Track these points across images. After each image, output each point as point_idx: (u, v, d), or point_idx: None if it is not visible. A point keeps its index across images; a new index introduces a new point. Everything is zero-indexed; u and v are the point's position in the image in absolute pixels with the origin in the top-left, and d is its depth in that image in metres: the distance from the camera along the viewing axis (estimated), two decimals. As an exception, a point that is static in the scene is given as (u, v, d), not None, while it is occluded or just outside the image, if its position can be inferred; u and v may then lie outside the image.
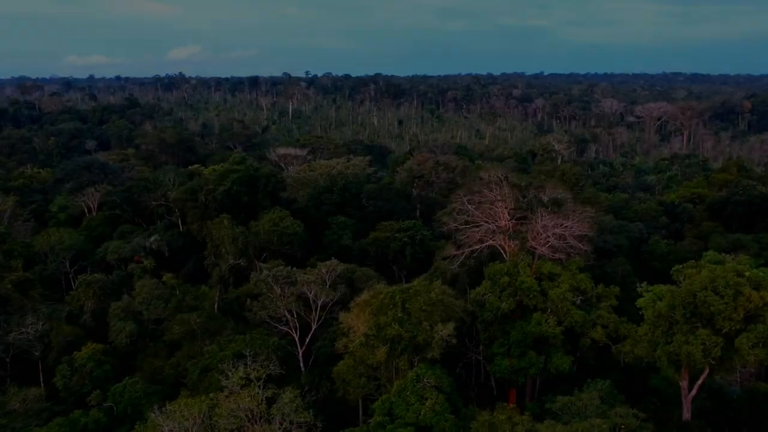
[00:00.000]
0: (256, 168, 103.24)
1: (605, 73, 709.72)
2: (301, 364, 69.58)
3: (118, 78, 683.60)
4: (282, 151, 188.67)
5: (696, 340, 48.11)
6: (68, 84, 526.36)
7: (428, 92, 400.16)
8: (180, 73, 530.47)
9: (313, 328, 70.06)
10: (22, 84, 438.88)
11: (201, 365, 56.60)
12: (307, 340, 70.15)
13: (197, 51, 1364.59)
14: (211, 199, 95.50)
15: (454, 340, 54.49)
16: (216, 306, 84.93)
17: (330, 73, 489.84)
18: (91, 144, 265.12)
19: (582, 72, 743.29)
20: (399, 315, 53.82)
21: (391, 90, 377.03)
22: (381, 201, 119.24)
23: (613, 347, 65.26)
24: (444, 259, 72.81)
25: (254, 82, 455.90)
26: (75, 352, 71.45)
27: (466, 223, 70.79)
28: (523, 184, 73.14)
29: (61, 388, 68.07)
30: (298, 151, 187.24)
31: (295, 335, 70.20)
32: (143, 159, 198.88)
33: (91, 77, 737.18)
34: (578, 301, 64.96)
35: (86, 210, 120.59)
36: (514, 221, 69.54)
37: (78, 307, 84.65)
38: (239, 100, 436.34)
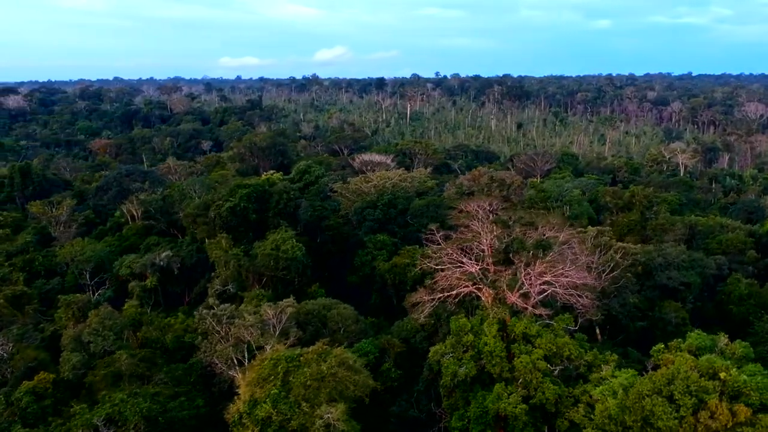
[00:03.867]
0: (272, 183, 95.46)
1: (762, 74, 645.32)
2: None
3: (261, 79, 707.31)
4: (365, 157, 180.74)
5: (639, 463, 34.40)
6: (209, 85, 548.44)
7: (557, 94, 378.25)
8: (314, 74, 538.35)
9: (261, 377, 60.93)
10: (163, 85, 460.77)
11: (66, 428, 49.15)
12: (255, 389, 61.07)
13: (341, 53, 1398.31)
14: (217, 216, 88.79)
15: (342, 426, 43.20)
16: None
17: (458, 74, 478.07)
18: (206, 145, 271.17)
19: (735, 73, 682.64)
20: (275, 391, 43.53)
21: (514, 91, 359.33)
22: (427, 219, 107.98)
23: None
24: (414, 305, 61.09)
25: (381, 83, 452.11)
26: (24, 381, 66.70)
27: (440, 263, 58.82)
28: (511, 220, 59.90)
29: (-9, 424, 63.14)
30: (382, 158, 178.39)
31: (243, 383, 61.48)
32: (238, 162, 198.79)
33: (238, 78, 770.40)
34: (556, 371, 51.45)
35: (129, 218, 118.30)
36: (493, 265, 56.83)
37: (63, 327, 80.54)
38: (366, 102, 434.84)
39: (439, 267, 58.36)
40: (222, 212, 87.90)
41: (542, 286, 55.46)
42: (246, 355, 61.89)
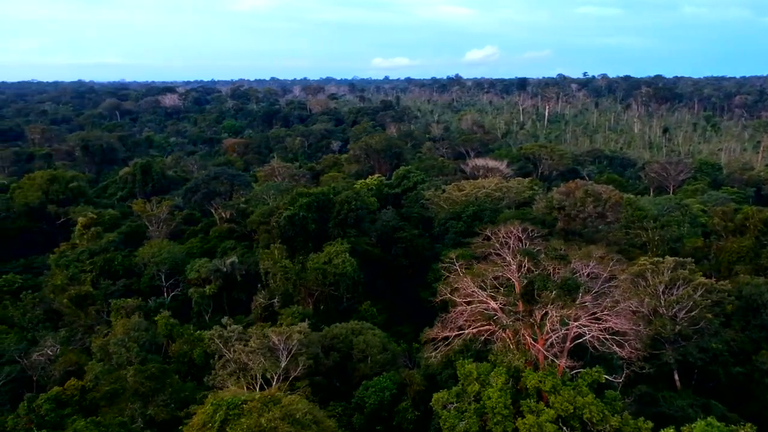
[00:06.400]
0: (337, 192, 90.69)
1: None
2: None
3: (407, 79, 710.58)
4: (479, 162, 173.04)
5: None
6: (353, 86, 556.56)
7: (712, 96, 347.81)
8: (457, 75, 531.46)
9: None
10: (307, 86, 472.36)
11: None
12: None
13: (491, 53, 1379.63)
14: (276, 225, 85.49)
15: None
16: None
17: (606, 74, 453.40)
18: (336, 145, 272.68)
19: None
20: (205, 442, 38.53)
21: (663, 93, 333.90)
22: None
23: None
24: (426, 342, 53.85)
25: (522, 84, 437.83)
26: (54, 387, 66.38)
27: (455, 295, 51.35)
28: (542, 253, 51.07)
29: (9, 430, 62.98)
30: (495, 163, 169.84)
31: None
32: (354, 164, 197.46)
33: (386, 78, 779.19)
34: (571, 438, 42.82)
35: (218, 221, 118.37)
36: (521, 304, 48.66)
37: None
38: (505, 103, 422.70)
39: (460, 300, 50.95)
40: (281, 221, 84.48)
41: (576, 330, 46.77)
42: (259, 380, 57.80)
